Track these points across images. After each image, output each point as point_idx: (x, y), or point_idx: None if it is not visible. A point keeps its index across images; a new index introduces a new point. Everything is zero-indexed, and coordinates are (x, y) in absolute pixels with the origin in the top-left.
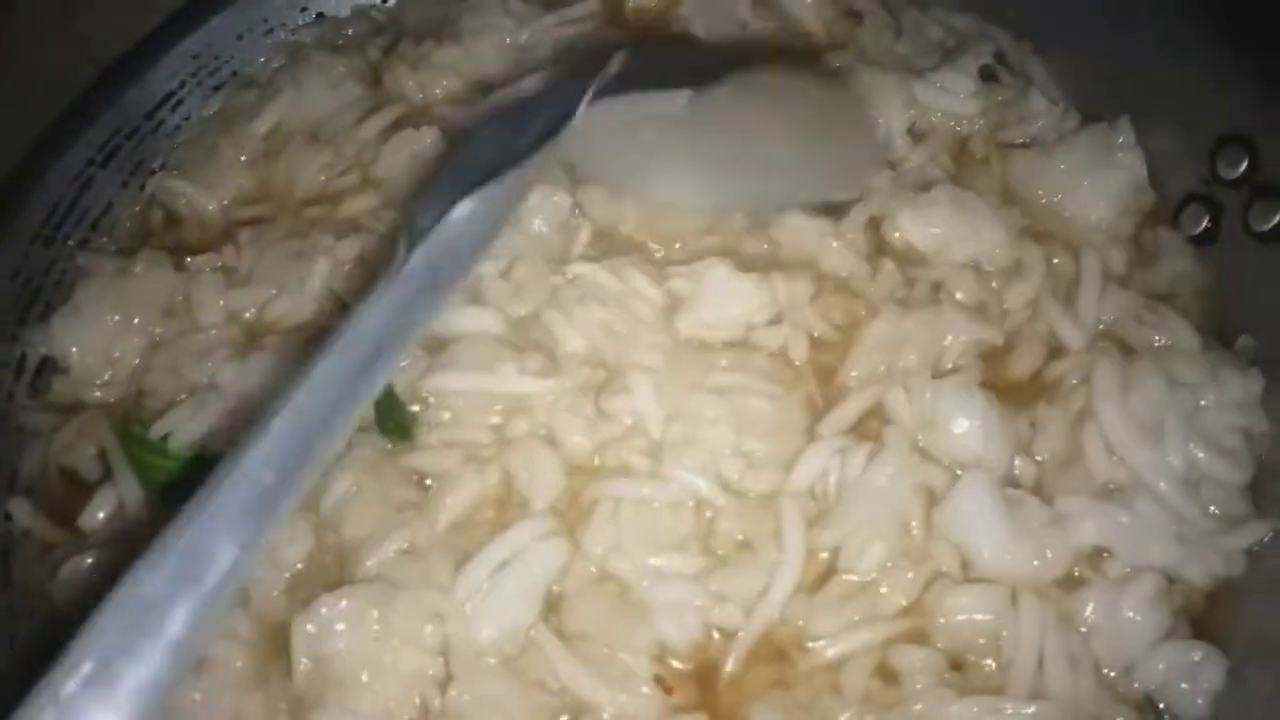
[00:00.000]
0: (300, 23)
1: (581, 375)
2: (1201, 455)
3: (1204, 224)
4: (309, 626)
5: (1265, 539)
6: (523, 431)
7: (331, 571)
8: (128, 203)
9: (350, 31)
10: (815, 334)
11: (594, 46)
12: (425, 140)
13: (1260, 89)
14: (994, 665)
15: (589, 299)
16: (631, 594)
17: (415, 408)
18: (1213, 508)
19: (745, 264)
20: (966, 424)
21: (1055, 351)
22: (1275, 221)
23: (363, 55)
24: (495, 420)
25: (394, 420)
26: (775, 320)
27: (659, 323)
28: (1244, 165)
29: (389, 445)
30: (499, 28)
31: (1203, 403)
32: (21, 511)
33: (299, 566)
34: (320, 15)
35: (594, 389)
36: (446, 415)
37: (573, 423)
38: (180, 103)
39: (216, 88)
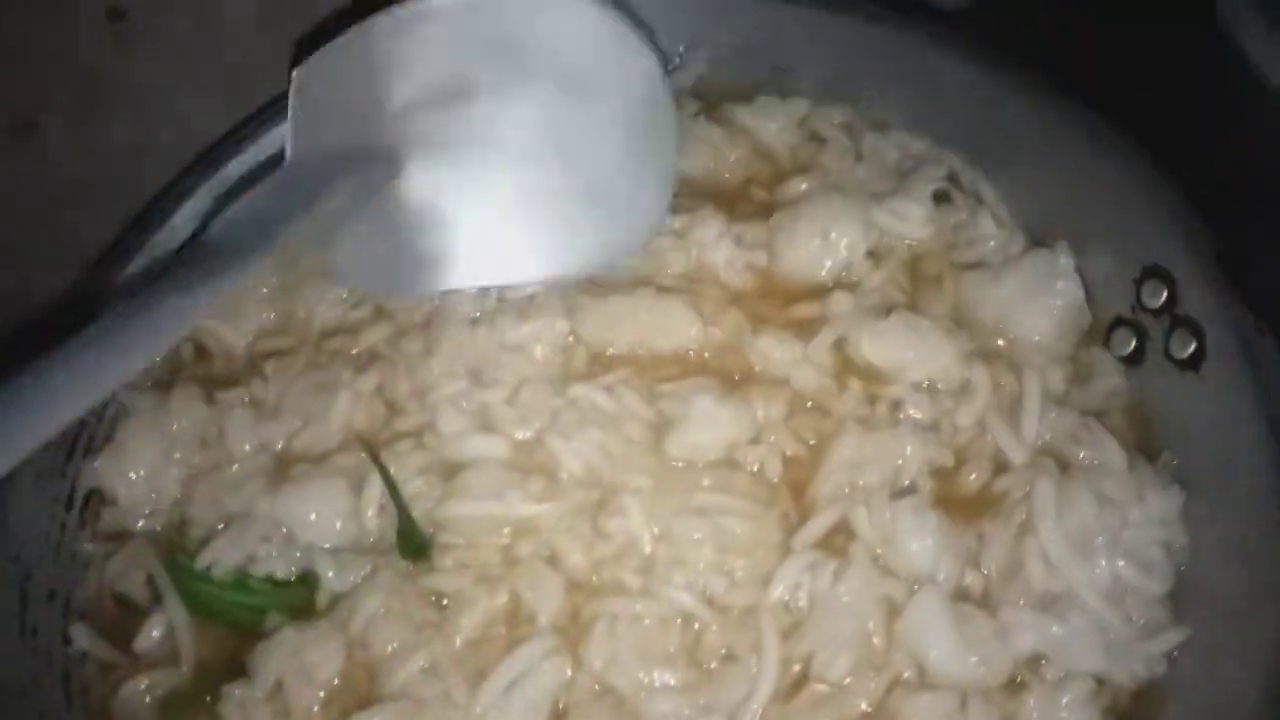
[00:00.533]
0: None
1: (578, 497)
2: (1126, 569)
3: (1131, 346)
4: None
5: (1182, 644)
6: (528, 552)
7: (362, 687)
8: None
9: None
10: (789, 453)
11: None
12: None
13: (1179, 228)
14: None
15: (587, 422)
16: (627, 705)
17: (431, 531)
18: (1136, 616)
19: (727, 378)
20: (920, 543)
21: (1000, 466)
22: (1191, 350)
23: None
24: (504, 541)
25: (413, 544)
26: (755, 440)
27: (649, 443)
28: (1164, 296)
29: (410, 567)
30: None
31: (1129, 519)
32: (81, 635)
33: (335, 682)
34: None
35: (591, 509)
36: (460, 539)
37: (572, 543)
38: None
39: None
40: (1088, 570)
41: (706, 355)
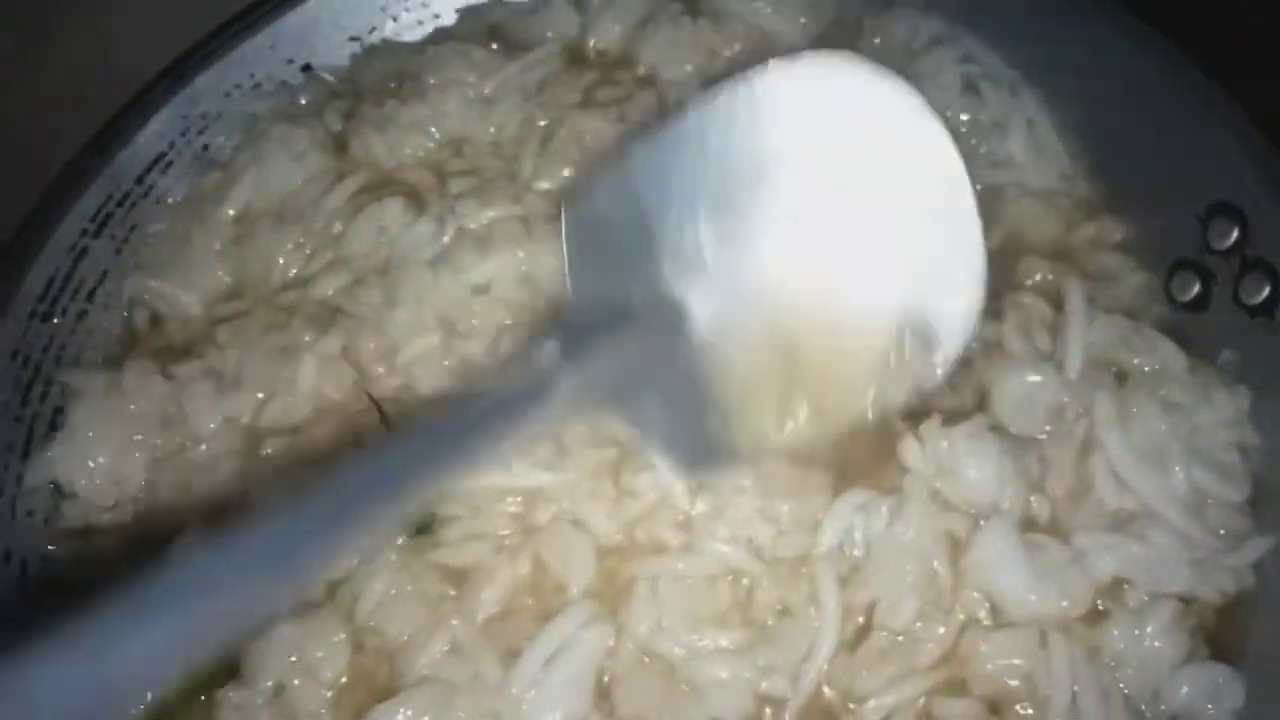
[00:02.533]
0: (288, 75)
1: (593, 458)
2: (1203, 476)
3: (1194, 291)
4: None
5: (1269, 552)
6: (548, 518)
7: (379, 677)
8: (121, 273)
9: (304, 100)
10: None
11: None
12: (391, 211)
13: (1251, 159)
14: (1030, 708)
15: None
16: (679, 673)
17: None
18: (1218, 527)
19: None
20: (980, 470)
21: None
22: (1264, 296)
23: (322, 123)
24: (514, 509)
25: (414, 517)
26: None
27: None
28: (1233, 236)
29: (407, 541)
30: (462, 81)
31: (1198, 423)
32: None
33: (343, 680)
34: (308, 67)
35: (610, 469)
36: (463, 510)
37: (596, 505)
38: (170, 164)
39: (207, 146)
40: (1163, 482)
41: None
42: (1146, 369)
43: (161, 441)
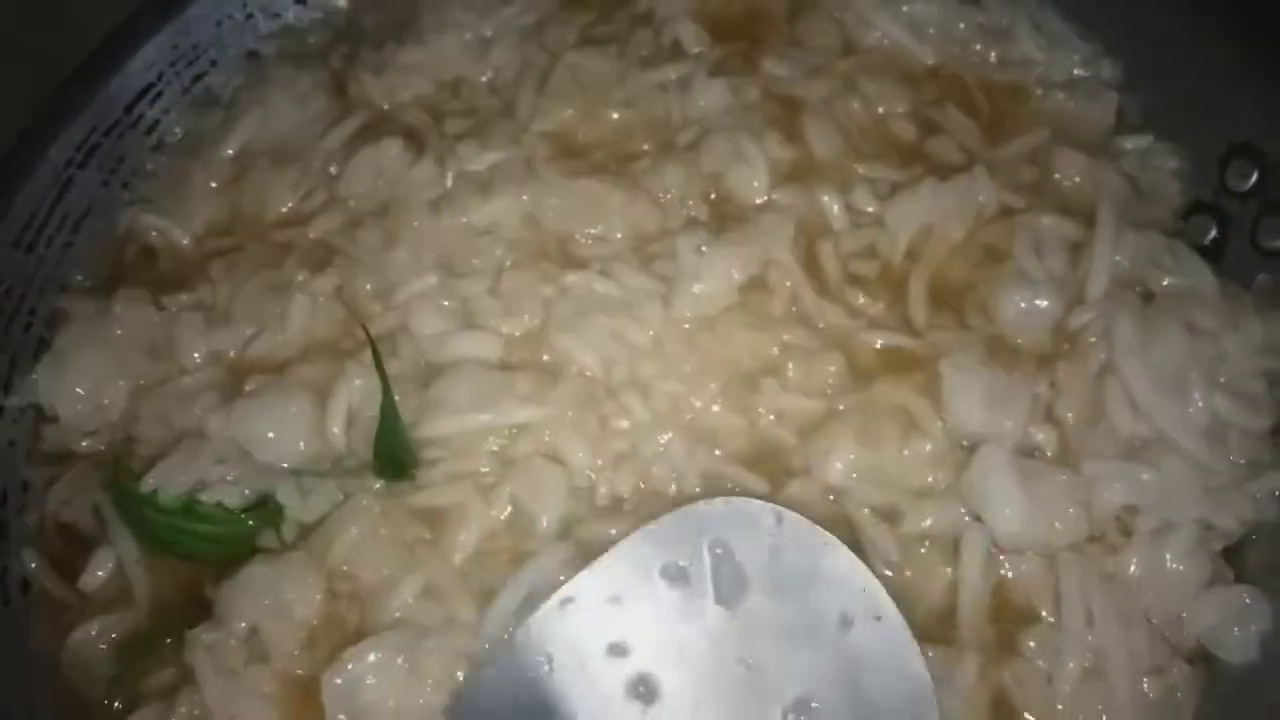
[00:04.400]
0: (280, 7)
1: (578, 388)
2: (1224, 405)
3: (1211, 235)
4: (338, 681)
5: None
6: (525, 451)
7: (351, 621)
8: (107, 205)
9: (311, 40)
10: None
11: None
12: (389, 153)
13: (1275, 99)
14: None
15: (589, 309)
16: None
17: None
18: (1237, 455)
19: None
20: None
21: (1074, 300)
22: None
23: (325, 65)
24: (496, 447)
25: (396, 459)
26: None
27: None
28: (1254, 178)
29: (384, 485)
30: (460, 24)
31: (1224, 350)
32: (27, 561)
33: (314, 622)
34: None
35: (594, 401)
36: (445, 453)
37: (576, 439)
38: (160, 95)
39: (198, 77)
40: (1180, 410)
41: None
42: (1174, 290)
43: (146, 370)
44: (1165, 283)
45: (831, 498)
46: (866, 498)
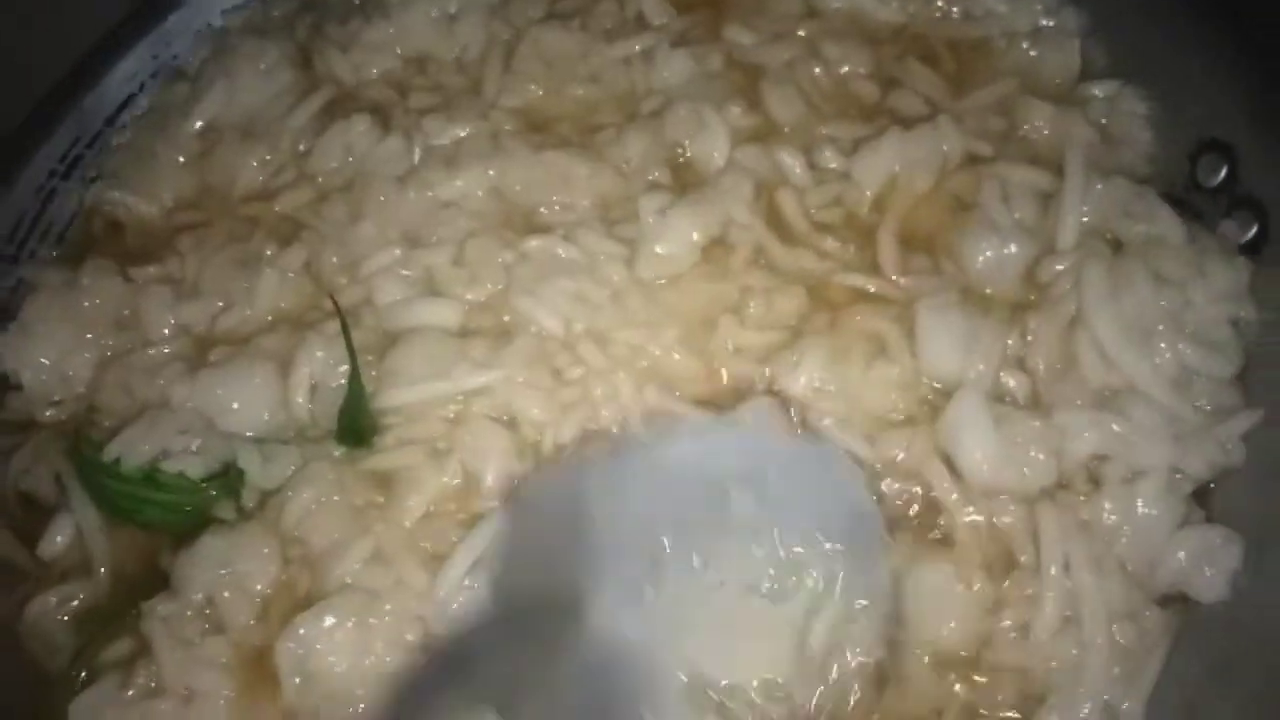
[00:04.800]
0: None
1: (532, 346)
2: (1191, 352)
3: None
4: (291, 646)
5: (1257, 424)
6: (478, 412)
7: (302, 586)
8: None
9: (276, 13)
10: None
11: None
12: (358, 128)
13: (1244, 94)
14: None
15: (551, 273)
16: None
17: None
18: (1204, 401)
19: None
20: (943, 341)
21: (1045, 249)
22: (1251, 235)
23: (291, 38)
24: (451, 412)
25: (358, 426)
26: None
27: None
28: (1222, 173)
29: (343, 453)
30: None
31: (1191, 298)
32: None
33: (268, 591)
34: None
35: (547, 356)
36: (400, 419)
37: (530, 396)
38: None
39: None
40: (1148, 359)
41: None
42: (1143, 238)
43: (112, 342)
44: (1134, 230)
45: (794, 411)
46: (833, 410)
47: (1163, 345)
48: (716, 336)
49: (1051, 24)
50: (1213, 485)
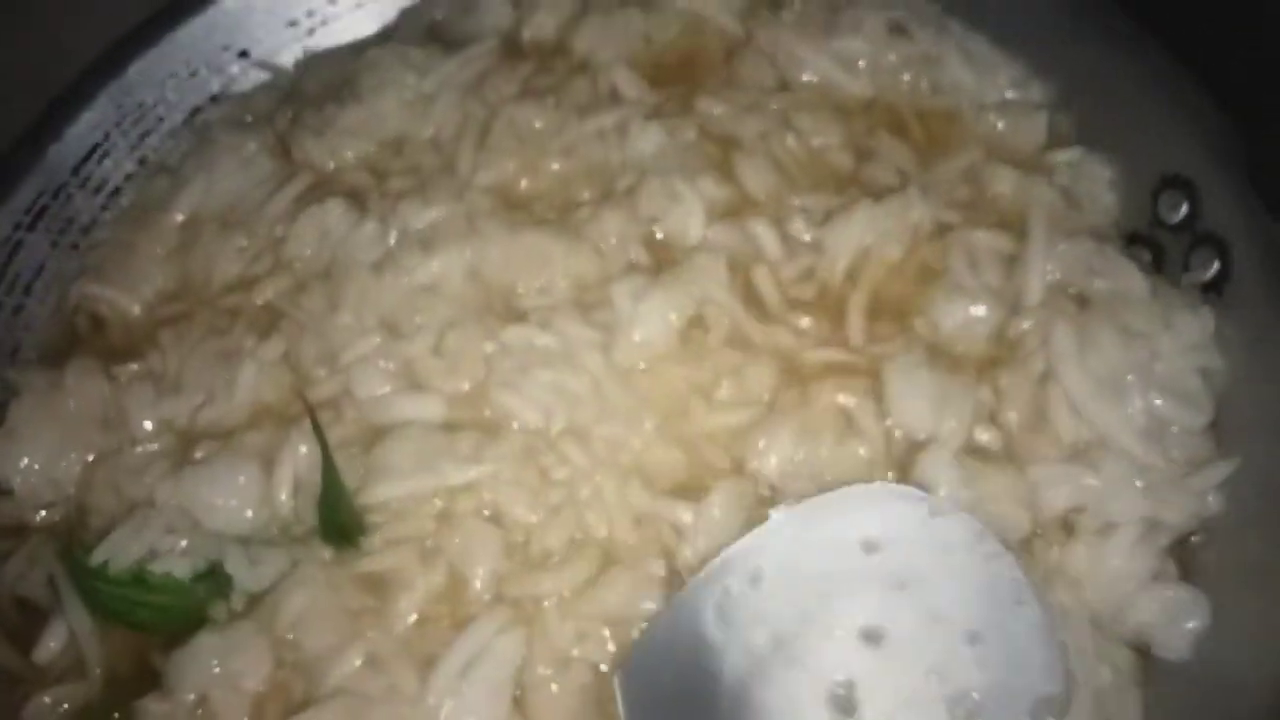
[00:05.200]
0: (224, 62)
1: (518, 443)
2: (1162, 404)
3: (1146, 266)
4: None
5: (1234, 474)
6: (465, 511)
7: (295, 690)
8: (60, 260)
9: (257, 105)
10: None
11: None
12: (333, 214)
13: (1202, 132)
14: None
15: (530, 364)
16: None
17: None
18: (1177, 453)
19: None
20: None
21: (1013, 309)
22: (1214, 272)
23: (271, 128)
24: (437, 509)
25: (340, 525)
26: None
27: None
28: (1184, 210)
29: (333, 554)
30: (399, 82)
31: (1159, 350)
32: None
33: (262, 690)
34: (245, 54)
35: (535, 454)
36: (385, 517)
37: (516, 495)
38: (106, 155)
39: (145, 135)
40: (1119, 412)
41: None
42: (1107, 294)
43: (99, 441)
44: (1098, 286)
45: (767, 491)
46: (804, 492)
47: (1134, 397)
48: (690, 422)
49: (1018, 96)
50: (1196, 539)
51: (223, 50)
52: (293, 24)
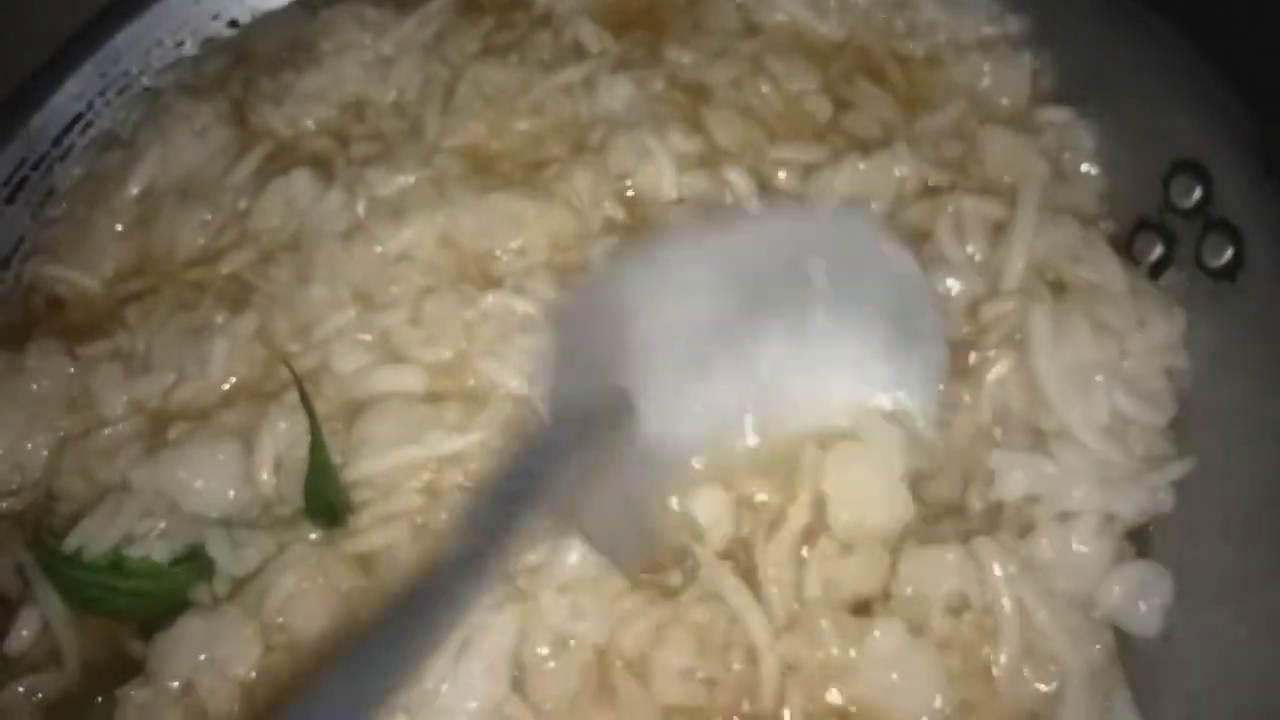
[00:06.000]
0: (212, 30)
1: (506, 410)
2: (1126, 402)
3: (1156, 253)
4: None
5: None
6: (452, 483)
7: (284, 673)
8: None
9: (208, 70)
10: None
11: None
12: (298, 184)
13: (1216, 116)
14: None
15: (511, 331)
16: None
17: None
18: (1136, 449)
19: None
20: None
21: (991, 288)
22: (1227, 258)
23: (225, 94)
24: (427, 478)
25: (326, 504)
26: None
27: None
28: (1196, 195)
29: (320, 535)
30: (358, 44)
31: (1128, 348)
32: None
33: (252, 675)
34: (235, 23)
35: (522, 420)
36: (375, 493)
37: None
38: (90, 125)
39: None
40: (1084, 407)
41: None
42: (1085, 284)
43: (65, 424)
44: (1077, 275)
45: None
46: None
47: (1099, 394)
48: None
49: (995, 31)
50: (1150, 529)
51: (211, 19)
52: None
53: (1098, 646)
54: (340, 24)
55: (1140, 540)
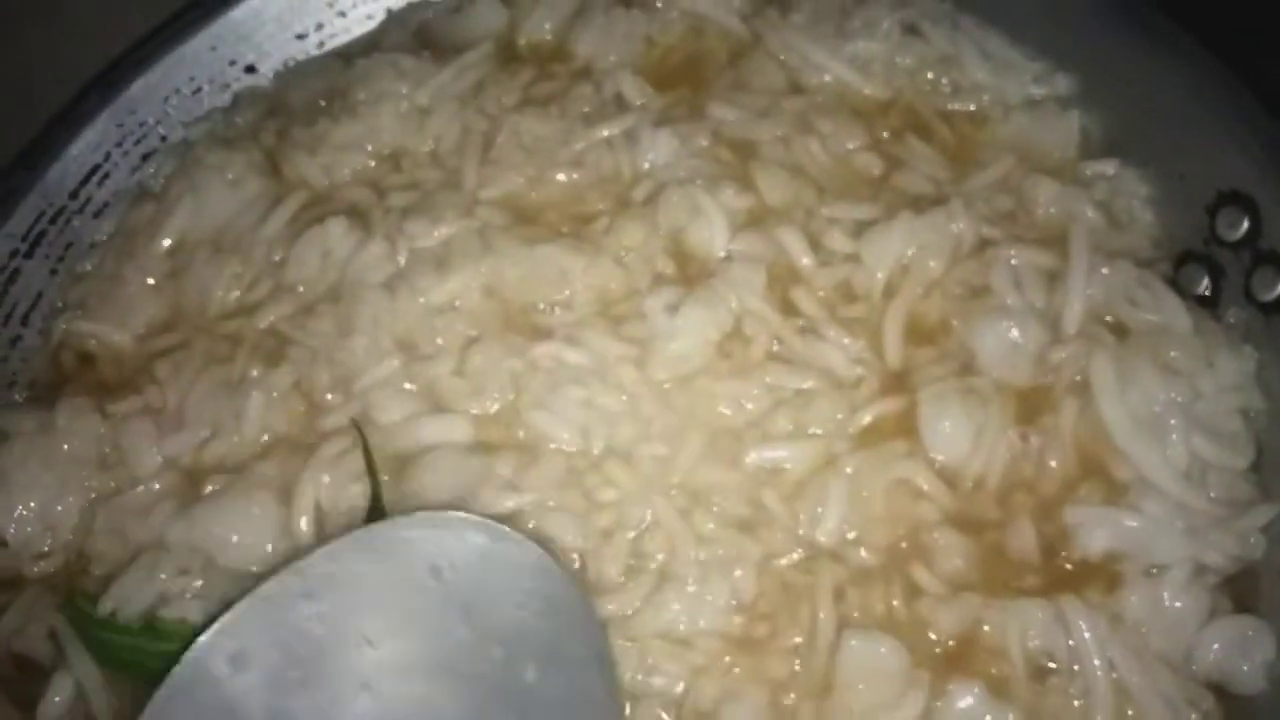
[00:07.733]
0: (229, 76)
1: (559, 466)
2: (1203, 445)
3: (1203, 286)
4: None
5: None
6: None
7: None
8: (60, 289)
9: (239, 120)
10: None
11: None
12: (334, 234)
13: (1264, 146)
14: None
15: (560, 382)
16: None
17: None
18: (1219, 494)
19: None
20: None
21: (1054, 334)
22: (1279, 292)
23: (258, 144)
24: None
25: None
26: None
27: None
28: (1244, 227)
29: None
30: (394, 94)
31: (1199, 389)
32: None
33: None
34: (252, 68)
35: (577, 476)
36: None
37: (561, 522)
38: (107, 176)
39: (146, 156)
40: (1159, 452)
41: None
42: (1148, 326)
43: (97, 483)
44: (1139, 318)
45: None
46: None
47: (1174, 437)
48: (744, 447)
49: (1042, 92)
50: (1243, 579)
51: (229, 65)
52: (301, 37)
53: (1196, 715)
54: (376, 74)
55: (1236, 593)
